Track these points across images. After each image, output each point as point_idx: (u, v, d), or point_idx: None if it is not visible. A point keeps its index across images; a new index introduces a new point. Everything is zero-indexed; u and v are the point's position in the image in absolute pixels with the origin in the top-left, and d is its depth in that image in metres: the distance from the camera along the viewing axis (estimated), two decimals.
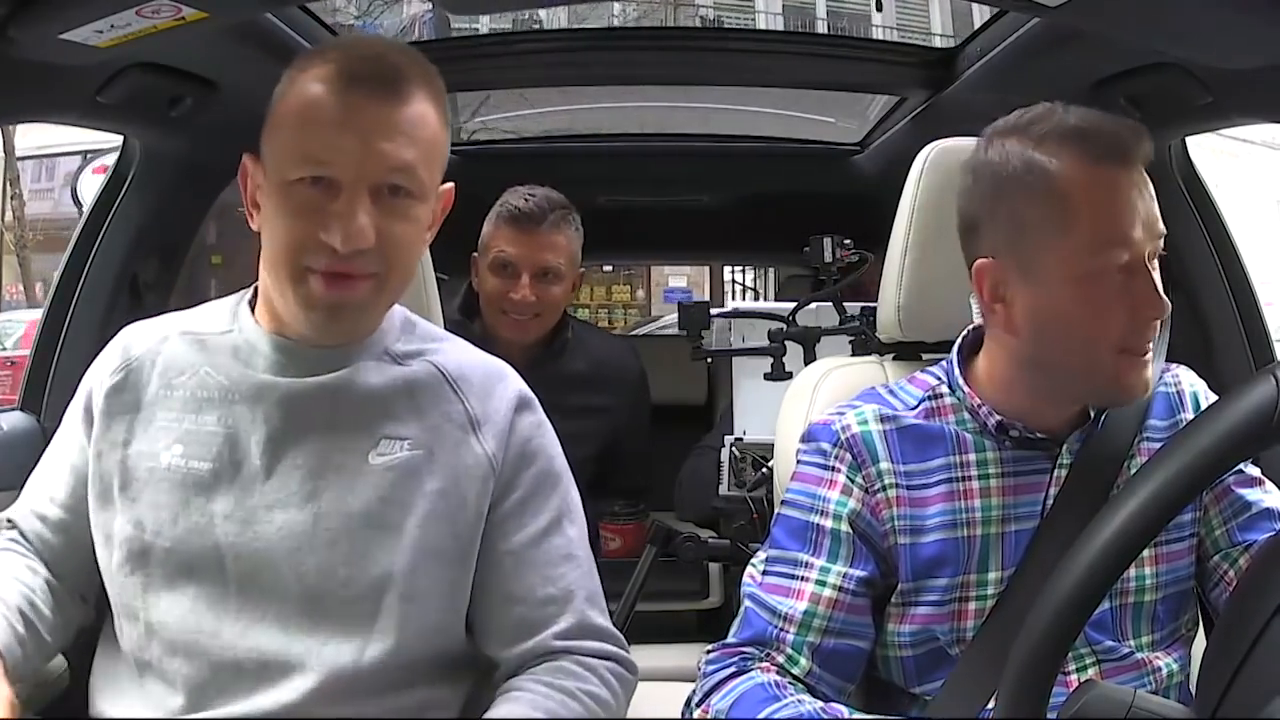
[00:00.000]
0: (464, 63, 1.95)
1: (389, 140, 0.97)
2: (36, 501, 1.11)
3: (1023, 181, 1.03)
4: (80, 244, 1.62)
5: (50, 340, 1.60)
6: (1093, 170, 1.01)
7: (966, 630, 1.06)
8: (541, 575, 1.06)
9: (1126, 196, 1.01)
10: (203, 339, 1.08)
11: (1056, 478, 1.08)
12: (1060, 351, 1.04)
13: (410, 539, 1.01)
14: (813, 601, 1.06)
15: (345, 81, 0.97)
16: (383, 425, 1.04)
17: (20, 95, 1.23)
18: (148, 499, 1.02)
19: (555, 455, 1.12)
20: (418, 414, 1.05)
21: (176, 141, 1.56)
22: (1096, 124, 1.02)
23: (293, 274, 0.99)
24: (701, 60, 1.97)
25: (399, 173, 0.98)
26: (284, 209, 0.98)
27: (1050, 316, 1.03)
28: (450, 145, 1.07)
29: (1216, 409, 0.74)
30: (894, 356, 1.36)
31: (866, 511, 1.08)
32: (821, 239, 1.85)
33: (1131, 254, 1.00)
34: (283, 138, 0.99)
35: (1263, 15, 1.01)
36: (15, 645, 1.00)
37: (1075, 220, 1.00)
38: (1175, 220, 1.61)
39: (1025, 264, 1.04)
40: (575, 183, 2.51)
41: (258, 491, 1.01)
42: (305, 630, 0.99)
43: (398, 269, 1.02)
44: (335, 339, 1.04)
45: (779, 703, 1.00)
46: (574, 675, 1.03)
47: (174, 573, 1.01)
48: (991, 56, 1.63)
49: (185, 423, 1.04)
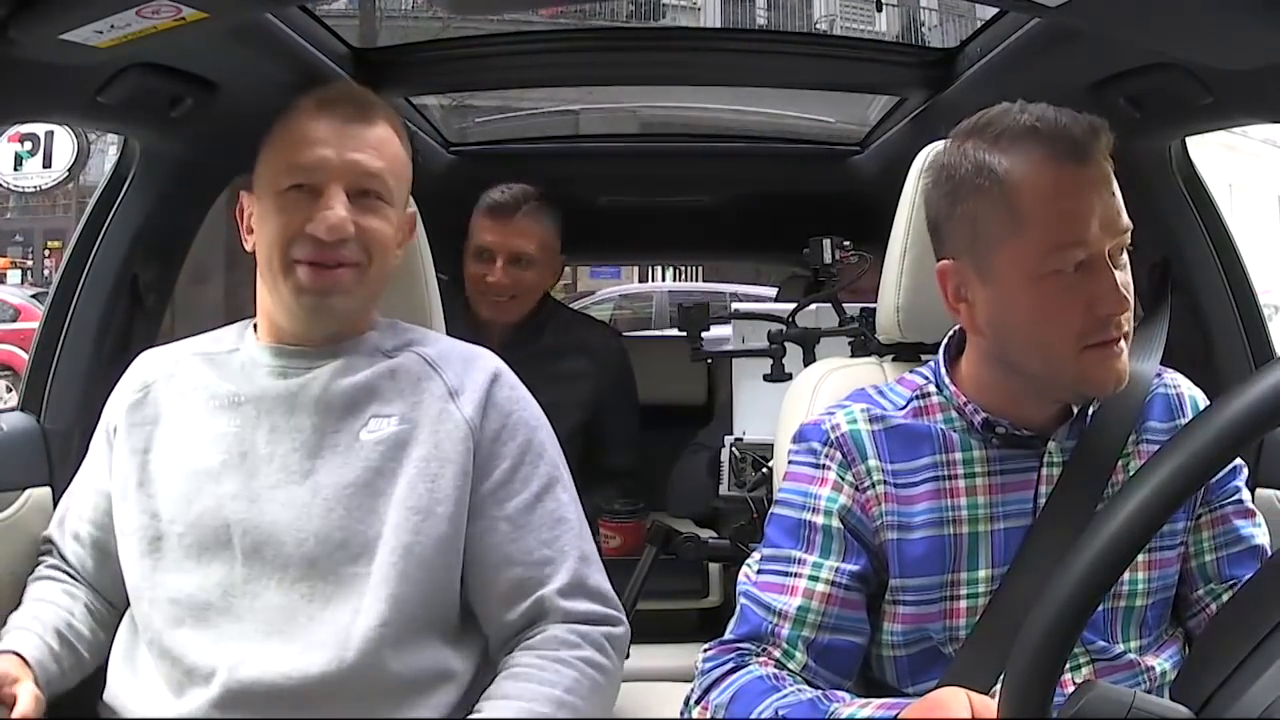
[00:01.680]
0: (464, 63, 1.95)
1: (361, 152, 1.16)
2: (70, 522, 1.24)
3: (974, 184, 1.04)
4: (80, 244, 1.62)
5: (50, 340, 1.59)
6: (1043, 169, 1.01)
7: (959, 629, 1.06)
8: (537, 538, 1.15)
9: (1079, 195, 1.00)
10: (212, 357, 1.22)
11: (1046, 476, 1.08)
12: (1022, 351, 1.05)
13: (398, 500, 1.11)
14: (806, 597, 1.06)
15: (323, 110, 1.17)
16: (370, 407, 1.16)
17: (20, 95, 1.23)
18: (162, 491, 1.14)
19: (538, 425, 1.21)
20: (401, 394, 1.17)
21: (176, 141, 1.56)
22: (1050, 122, 1.02)
23: (283, 266, 1.14)
24: (701, 60, 1.97)
25: (371, 177, 1.16)
26: (274, 214, 1.15)
27: (1008, 317, 1.04)
28: (450, 147, 1.15)
29: (1212, 407, 0.75)
30: (893, 357, 1.36)
31: (857, 508, 1.09)
32: (821, 240, 1.85)
33: (1088, 252, 1.00)
34: (273, 159, 1.17)
35: (1263, 15, 1.01)
36: (50, 661, 1.12)
37: (1026, 221, 1.01)
38: (1175, 220, 1.61)
39: (982, 265, 1.04)
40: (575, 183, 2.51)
41: (262, 474, 1.12)
42: (307, 594, 1.08)
43: (375, 259, 1.17)
44: (324, 328, 1.18)
45: (779, 693, 1.00)
46: (569, 644, 1.11)
47: (186, 552, 1.11)
48: (991, 57, 1.62)
49: (198, 427, 1.16)
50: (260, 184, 1.18)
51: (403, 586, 1.07)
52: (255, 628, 1.07)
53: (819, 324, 1.86)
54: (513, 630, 1.14)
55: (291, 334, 1.19)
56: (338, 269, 1.14)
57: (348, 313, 1.18)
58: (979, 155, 1.04)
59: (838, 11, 12.35)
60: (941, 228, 1.09)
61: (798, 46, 2.04)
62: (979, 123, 1.06)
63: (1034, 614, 0.73)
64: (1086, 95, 1.43)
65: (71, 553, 1.22)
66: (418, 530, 1.10)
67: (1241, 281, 1.64)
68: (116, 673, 1.13)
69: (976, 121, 1.07)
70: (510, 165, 2.54)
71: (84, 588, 1.22)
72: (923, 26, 11.94)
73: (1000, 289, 1.04)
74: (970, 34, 1.77)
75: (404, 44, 1.99)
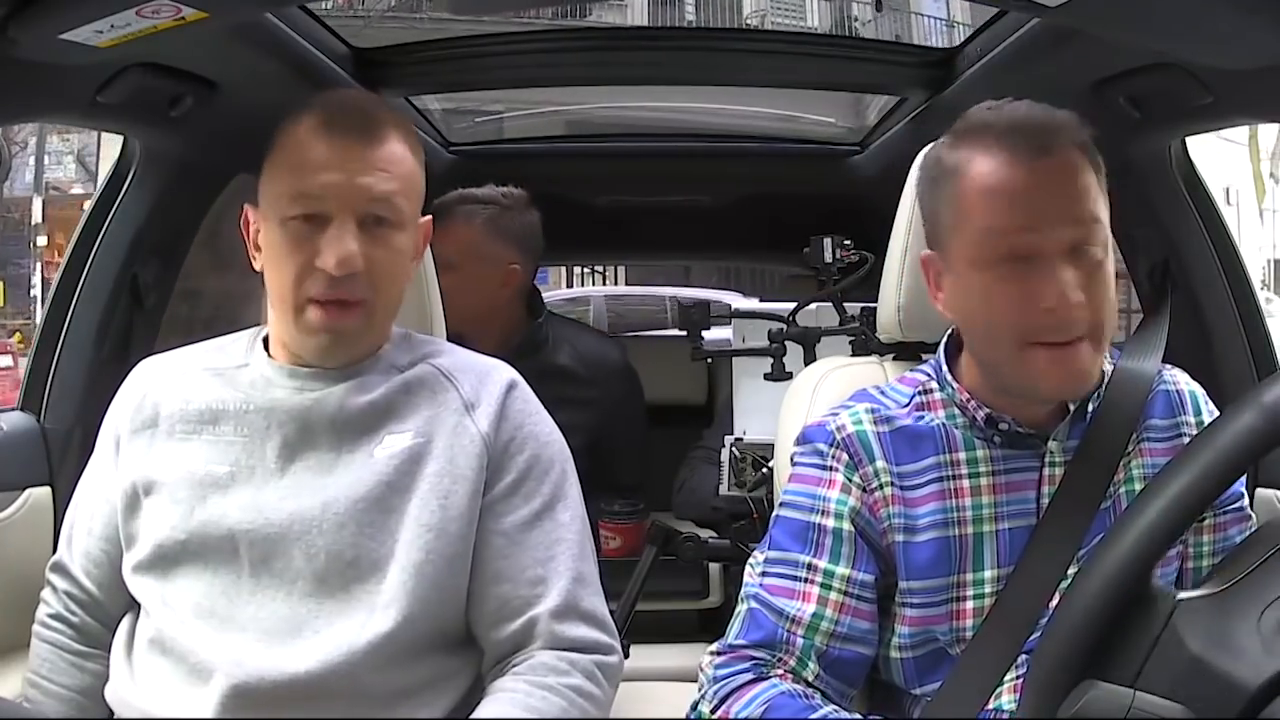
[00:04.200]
0: (464, 62, 1.95)
1: (370, 174, 1.10)
2: (79, 539, 1.19)
3: (934, 178, 1.09)
4: (80, 244, 1.62)
5: (50, 340, 1.60)
6: (986, 160, 1.03)
7: (965, 629, 1.06)
8: (531, 557, 1.11)
9: (1021, 184, 1.01)
10: (221, 373, 1.17)
11: (1048, 475, 1.08)
12: (976, 341, 1.09)
13: (411, 518, 1.09)
14: (820, 604, 1.06)
15: (329, 129, 1.11)
16: (386, 424, 1.12)
17: (20, 95, 1.23)
18: (168, 499, 1.11)
19: (550, 441, 1.17)
20: (417, 408, 1.14)
21: (176, 141, 1.56)
22: (1007, 116, 1.05)
23: (295, 305, 1.11)
24: (701, 60, 1.97)
25: (380, 203, 1.11)
26: (282, 245, 1.11)
27: (959, 304, 1.08)
28: (450, 147, 1.12)
29: (1237, 406, 0.75)
30: (894, 357, 1.36)
31: (865, 510, 1.08)
32: (821, 239, 1.85)
33: (1030, 244, 1.00)
34: (277, 182, 1.12)
35: (1263, 15, 1.01)
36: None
37: (967, 211, 1.04)
38: (1175, 220, 1.61)
39: (944, 257, 1.09)
40: (575, 183, 2.51)
41: (271, 488, 1.09)
42: (315, 609, 1.06)
43: (384, 295, 1.13)
44: (338, 361, 1.15)
45: (816, 713, 1.00)
46: (556, 671, 1.07)
47: (191, 560, 1.09)
48: (991, 57, 1.62)
49: (204, 433, 1.13)
50: (265, 205, 1.14)
51: (412, 606, 1.06)
52: (259, 634, 1.05)
53: (819, 323, 1.86)
54: (501, 652, 1.11)
55: (304, 359, 1.15)
56: (348, 308, 1.10)
57: (360, 344, 1.15)
58: (944, 152, 1.08)
59: (768, 7, 12.30)
60: (924, 221, 1.14)
61: (798, 46, 2.04)
62: (957, 123, 1.09)
63: (1059, 613, 0.73)
64: (1087, 95, 1.43)
65: (83, 571, 1.18)
66: (429, 549, 1.07)
67: (1241, 281, 1.64)
68: (117, 673, 1.12)
69: (957, 121, 1.10)
70: (508, 165, 2.54)
71: (94, 656, 1.16)
72: (855, 21, 11.93)
73: (955, 280, 1.07)
74: (970, 34, 1.77)
75: (404, 44, 1.99)
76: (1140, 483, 1.08)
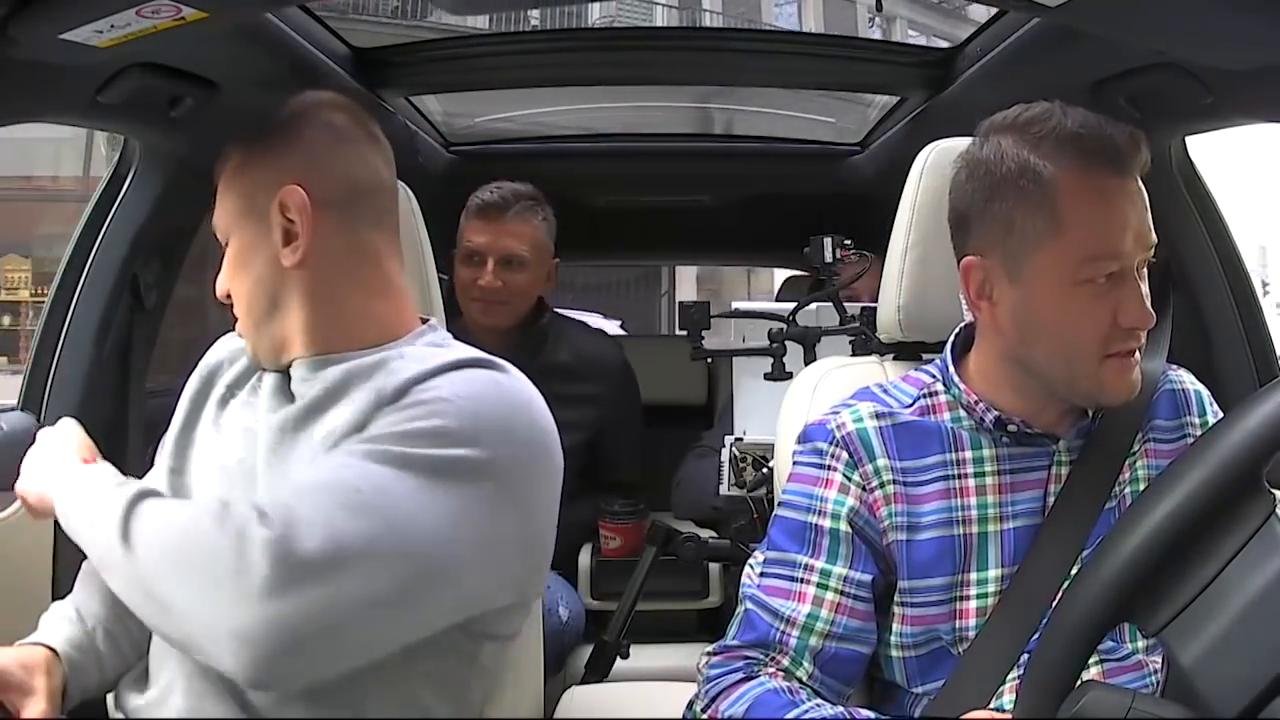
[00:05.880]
0: (463, 62, 1.95)
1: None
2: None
3: (1016, 183, 1.03)
4: (80, 244, 1.62)
5: (50, 340, 1.60)
6: (1087, 178, 1.01)
7: (968, 629, 1.05)
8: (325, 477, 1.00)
9: (1120, 207, 1.01)
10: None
11: (1055, 474, 1.08)
12: (1043, 354, 1.05)
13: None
14: (815, 604, 1.06)
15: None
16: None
17: (20, 95, 1.23)
18: (198, 488, 1.08)
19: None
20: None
21: (176, 141, 1.56)
22: (1095, 130, 1.02)
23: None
24: (701, 60, 1.97)
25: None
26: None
27: (1034, 319, 1.04)
28: (450, 146, 1.09)
29: (1245, 407, 0.75)
30: (894, 357, 1.36)
31: (864, 509, 1.08)
32: (822, 239, 1.85)
33: (1120, 265, 1.01)
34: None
35: (1263, 15, 1.01)
36: (88, 659, 1.07)
37: (1066, 228, 1.01)
38: (1175, 220, 1.61)
39: (1013, 265, 1.04)
40: (575, 183, 2.51)
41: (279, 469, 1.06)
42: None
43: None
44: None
45: (799, 708, 1.00)
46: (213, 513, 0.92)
47: None
48: (991, 57, 1.62)
49: (240, 420, 1.10)
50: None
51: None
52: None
53: (820, 323, 1.86)
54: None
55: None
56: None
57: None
58: (1022, 155, 1.03)
59: (614, 13, 12.43)
60: (971, 223, 1.08)
61: (799, 47, 2.04)
62: (1018, 120, 1.05)
63: (1060, 613, 0.73)
64: (1087, 95, 1.43)
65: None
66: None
67: (1241, 281, 1.65)
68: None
69: (1015, 119, 1.06)
70: (508, 164, 2.54)
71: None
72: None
73: (1030, 291, 1.04)
74: (971, 33, 1.77)
75: (404, 44, 1.99)
76: (1145, 482, 1.08)
